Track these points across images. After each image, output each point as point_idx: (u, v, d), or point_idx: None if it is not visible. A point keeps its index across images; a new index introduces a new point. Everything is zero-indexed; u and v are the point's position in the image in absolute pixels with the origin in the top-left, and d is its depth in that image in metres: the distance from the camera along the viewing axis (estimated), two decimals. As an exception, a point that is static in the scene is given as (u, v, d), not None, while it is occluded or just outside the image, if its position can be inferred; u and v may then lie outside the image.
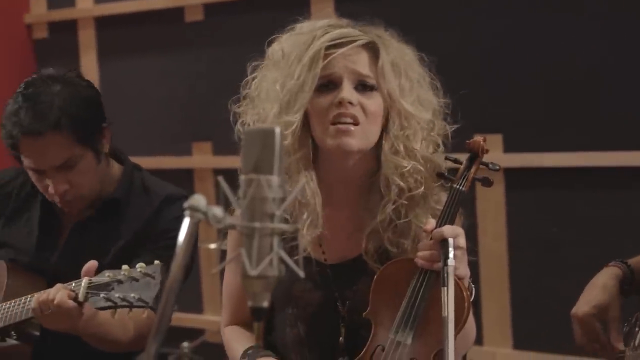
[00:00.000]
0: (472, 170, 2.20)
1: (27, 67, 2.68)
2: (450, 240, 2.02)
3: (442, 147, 2.26)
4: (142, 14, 4.48)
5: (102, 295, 2.27)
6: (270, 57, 2.27)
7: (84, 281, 2.30)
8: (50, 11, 4.85)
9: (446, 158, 2.25)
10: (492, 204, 3.62)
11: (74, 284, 2.33)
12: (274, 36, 2.29)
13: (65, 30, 4.76)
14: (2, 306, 2.51)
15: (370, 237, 2.23)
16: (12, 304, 2.48)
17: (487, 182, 2.22)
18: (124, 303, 2.26)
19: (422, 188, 2.19)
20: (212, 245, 3.89)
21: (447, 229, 2.05)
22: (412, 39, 2.29)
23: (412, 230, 2.22)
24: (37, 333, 2.55)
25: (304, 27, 2.25)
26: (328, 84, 2.17)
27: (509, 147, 3.56)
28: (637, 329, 2.22)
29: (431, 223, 2.10)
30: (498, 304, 3.65)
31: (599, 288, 2.26)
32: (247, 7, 4.16)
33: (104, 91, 2.75)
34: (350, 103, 2.14)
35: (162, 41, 4.47)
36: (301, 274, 1.41)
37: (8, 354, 2.55)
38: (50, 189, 2.56)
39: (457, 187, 2.16)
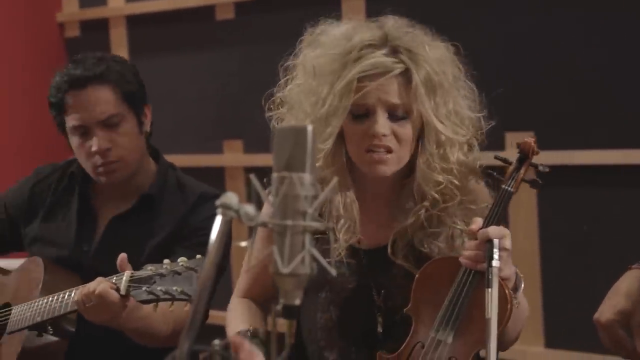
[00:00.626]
0: (522, 171, 2.18)
1: (59, 66, 2.70)
2: (496, 242, 2.02)
3: (477, 147, 2.26)
4: (173, 12, 4.49)
5: (144, 288, 2.27)
6: (302, 65, 2.26)
7: (126, 275, 2.31)
8: (82, 10, 4.88)
9: (495, 157, 2.23)
10: (523, 202, 3.60)
11: (115, 278, 2.34)
12: (304, 36, 2.28)
13: (97, 29, 4.79)
14: (40, 301, 2.53)
15: (398, 235, 2.25)
16: (51, 299, 2.50)
17: (536, 184, 2.21)
18: (166, 296, 2.26)
19: (458, 198, 2.20)
20: (243, 243, 3.90)
21: (492, 230, 2.05)
22: (445, 38, 2.28)
23: (445, 233, 2.23)
24: (73, 329, 2.57)
25: (335, 41, 2.22)
26: (361, 112, 2.17)
27: (540, 145, 3.53)
28: None
29: (478, 223, 2.09)
30: (530, 302, 3.59)
31: (622, 294, 2.23)
32: (278, 5, 4.16)
33: (135, 90, 2.77)
34: (384, 135, 2.15)
35: (193, 40, 4.48)
36: (333, 272, 1.41)
37: (44, 349, 2.57)
38: (94, 147, 2.61)
39: (506, 187, 2.16)
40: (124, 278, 2.31)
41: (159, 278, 2.27)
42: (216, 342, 1.50)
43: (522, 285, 2.16)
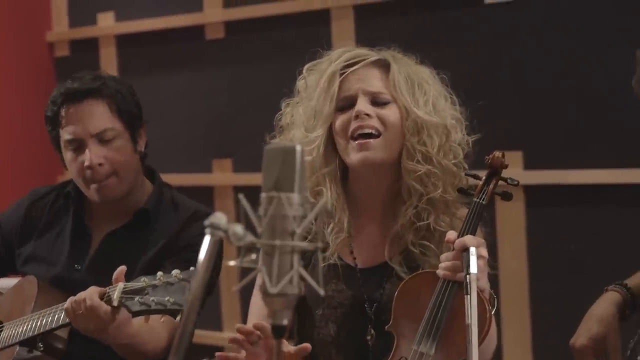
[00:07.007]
0: (492, 184, 2.25)
1: (49, 85, 2.72)
2: (472, 249, 2.05)
3: (461, 156, 2.33)
4: (162, 31, 4.49)
5: (136, 299, 2.29)
6: (298, 91, 2.39)
7: (119, 286, 2.32)
8: (71, 29, 4.87)
9: (466, 174, 2.32)
10: (512, 222, 3.60)
11: (109, 289, 2.35)
12: (300, 69, 2.40)
13: (87, 49, 4.78)
14: (31, 317, 2.53)
15: (395, 242, 2.31)
16: (42, 314, 2.51)
17: (507, 196, 2.28)
18: (159, 307, 2.28)
19: (440, 190, 2.26)
20: (232, 263, 3.88)
21: (469, 238, 2.10)
22: (432, 57, 2.31)
23: (436, 234, 2.29)
24: (62, 347, 2.56)
25: (323, 57, 2.38)
26: (346, 105, 2.29)
27: (529, 164, 3.55)
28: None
29: (453, 234, 2.14)
30: (518, 321, 3.63)
31: (597, 319, 2.24)
32: (268, 25, 4.16)
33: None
34: (367, 115, 2.25)
35: (183, 59, 4.48)
36: (321, 292, 1.41)
37: None
38: (86, 162, 2.62)
39: (478, 200, 2.23)
40: (117, 289, 2.32)
41: (151, 289, 2.29)
42: (204, 361, 1.50)
43: (495, 304, 2.20)
